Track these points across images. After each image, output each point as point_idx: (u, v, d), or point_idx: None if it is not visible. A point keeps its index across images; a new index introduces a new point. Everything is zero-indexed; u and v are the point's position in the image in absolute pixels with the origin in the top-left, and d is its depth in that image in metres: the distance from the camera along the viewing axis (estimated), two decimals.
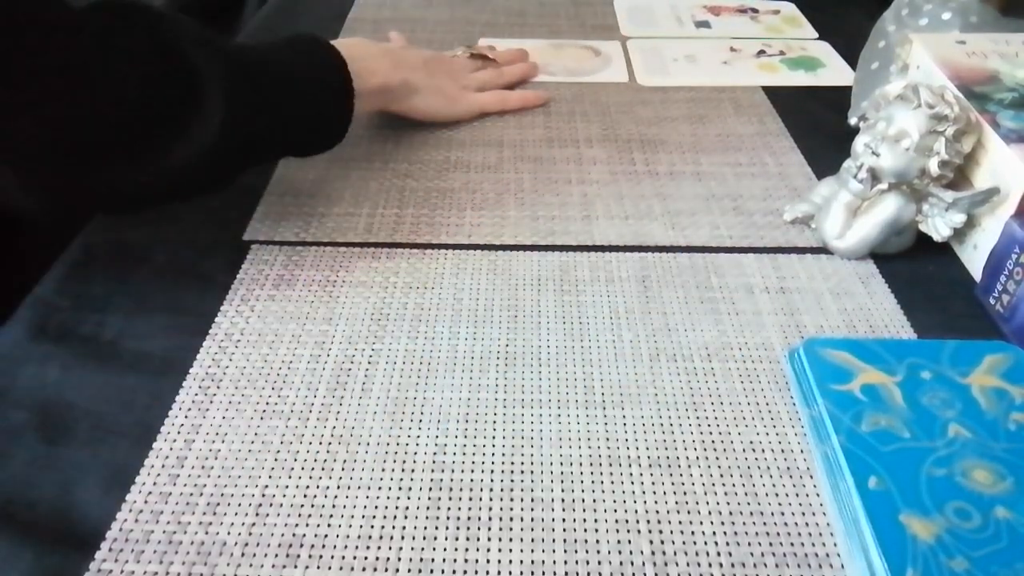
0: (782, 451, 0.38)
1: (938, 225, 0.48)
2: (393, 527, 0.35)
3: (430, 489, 0.36)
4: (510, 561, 0.33)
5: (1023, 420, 0.37)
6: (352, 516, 0.35)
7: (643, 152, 0.61)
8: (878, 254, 0.50)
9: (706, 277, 0.49)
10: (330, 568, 0.33)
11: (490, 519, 0.35)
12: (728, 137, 0.63)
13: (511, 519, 0.35)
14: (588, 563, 0.33)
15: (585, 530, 0.35)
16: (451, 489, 0.36)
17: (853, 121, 0.62)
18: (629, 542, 0.34)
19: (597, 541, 0.34)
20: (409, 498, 0.36)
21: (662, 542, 0.34)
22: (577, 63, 0.74)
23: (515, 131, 0.63)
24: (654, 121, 0.65)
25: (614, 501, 0.36)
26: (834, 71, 0.73)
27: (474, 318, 0.45)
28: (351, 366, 0.42)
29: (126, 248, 0.50)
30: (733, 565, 0.33)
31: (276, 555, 0.33)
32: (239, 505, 0.35)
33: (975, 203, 0.47)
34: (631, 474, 0.37)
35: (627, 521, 0.35)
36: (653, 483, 0.37)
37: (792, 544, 0.34)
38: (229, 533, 0.34)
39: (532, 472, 0.37)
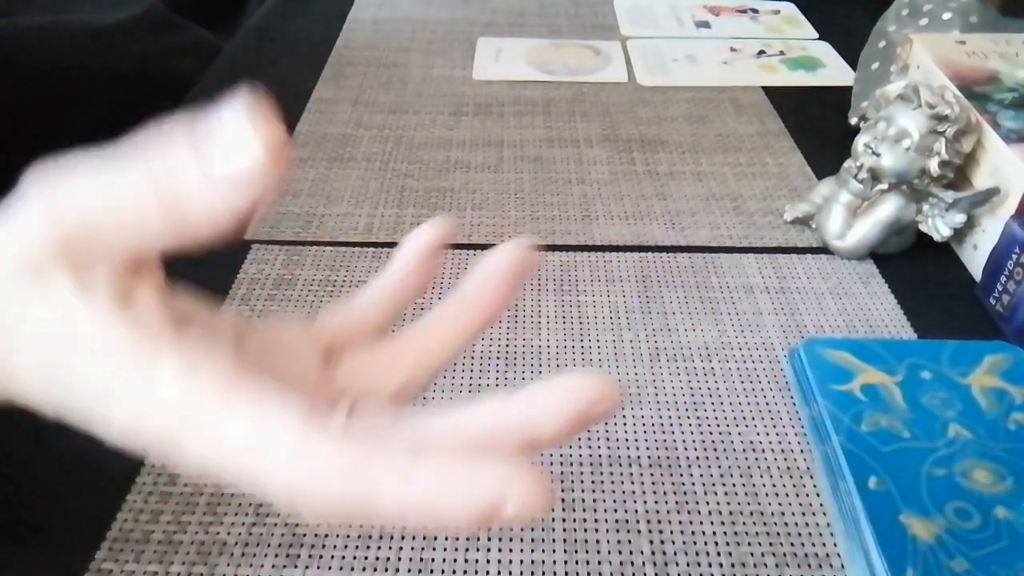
0: (782, 451, 0.38)
1: (938, 225, 0.48)
2: (393, 527, 0.35)
3: None
4: (510, 561, 0.33)
5: (1023, 420, 0.37)
6: None
7: (643, 152, 0.61)
8: (878, 254, 0.50)
9: (706, 277, 0.49)
10: (330, 568, 0.33)
11: None
12: (728, 137, 0.63)
13: None
14: (588, 563, 0.33)
15: (585, 530, 0.35)
16: None
17: (853, 121, 0.62)
18: (629, 542, 0.34)
19: (597, 541, 0.34)
20: None
21: (662, 542, 0.34)
22: (577, 62, 0.74)
23: (515, 131, 0.63)
24: (654, 121, 0.65)
25: (614, 501, 0.36)
26: (834, 71, 0.73)
27: None
28: None
29: None
30: (733, 565, 0.33)
31: (276, 555, 0.33)
32: (239, 505, 0.35)
33: (975, 203, 0.47)
34: (631, 474, 0.37)
35: (627, 521, 0.35)
36: (653, 483, 0.37)
37: (792, 544, 0.34)
38: (229, 533, 0.34)
39: None
